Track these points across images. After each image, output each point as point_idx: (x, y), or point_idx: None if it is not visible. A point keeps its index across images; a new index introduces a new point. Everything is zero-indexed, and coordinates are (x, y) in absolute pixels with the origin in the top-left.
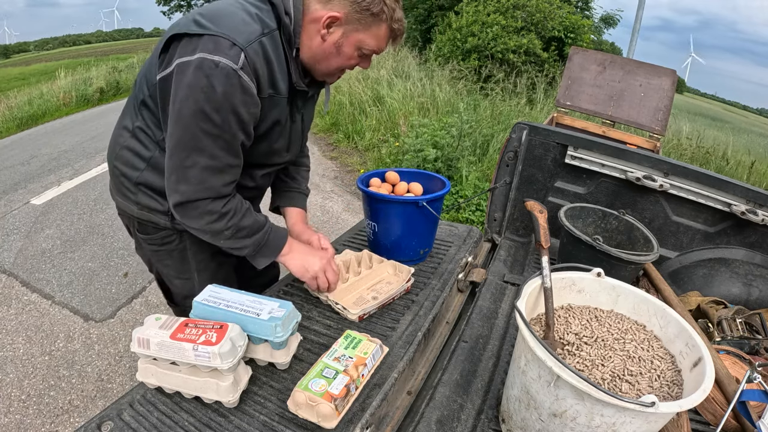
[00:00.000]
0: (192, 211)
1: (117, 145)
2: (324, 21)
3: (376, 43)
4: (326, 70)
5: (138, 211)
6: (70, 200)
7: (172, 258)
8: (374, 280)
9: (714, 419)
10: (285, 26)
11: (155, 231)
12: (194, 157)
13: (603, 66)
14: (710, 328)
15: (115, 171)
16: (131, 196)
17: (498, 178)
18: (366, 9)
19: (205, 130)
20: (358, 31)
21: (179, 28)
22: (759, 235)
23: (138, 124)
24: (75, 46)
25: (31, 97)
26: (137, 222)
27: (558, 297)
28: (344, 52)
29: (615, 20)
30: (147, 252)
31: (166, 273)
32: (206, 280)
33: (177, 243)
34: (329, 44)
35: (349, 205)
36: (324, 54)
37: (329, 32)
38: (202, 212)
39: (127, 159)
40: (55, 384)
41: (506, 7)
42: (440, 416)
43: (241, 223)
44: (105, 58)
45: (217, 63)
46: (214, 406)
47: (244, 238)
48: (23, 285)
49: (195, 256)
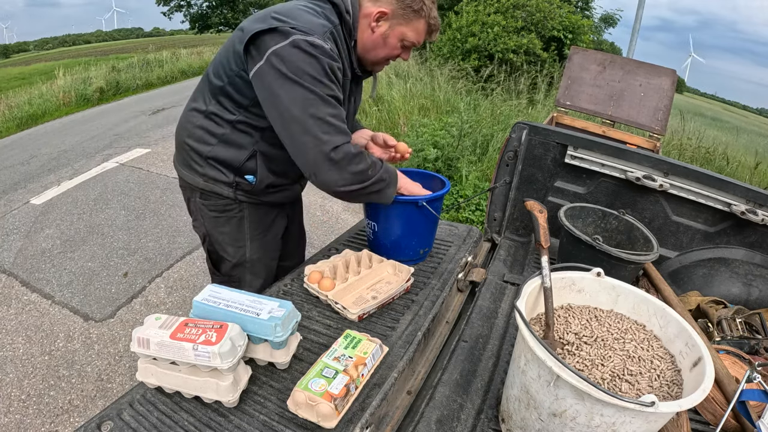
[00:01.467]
0: (343, 159)
1: (189, 123)
2: (374, 15)
3: (416, 36)
4: (374, 58)
5: (203, 183)
6: (69, 200)
7: (230, 225)
8: (374, 280)
9: (714, 419)
10: (346, 22)
11: (217, 199)
12: (322, 109)
13: (603, 66)
14: (710, 327)
15: (186, 147)
16: (199, 169)
17: (498, 178)
18: (409, 6)
19: (317, 90)
20: (401, 24)
21: (261, 25)
22: (759, 235)
23: (212, 108)
24: (75, 46)
25: (31, 96)
26: (201, 192)
27: (558, 297)
28: (389, 43)
29: (615, 20)
30: (206, 220)
31: (221, 240)
32: (257, 249)
33: (237, 212)
34: (377, 36)
35: (349, 205)
36: (373, 44)
37: (378, 25)
38: (351, 156)
39: (200, 136)
40: (55, 384)
41: (506, 7)
42: (440, 416)
43: (371, 159)
44: (105, 58)
45: (311, 41)
46: (213, 405)
47: (380, 170)
48: (23, 285)
49: (250, 225)
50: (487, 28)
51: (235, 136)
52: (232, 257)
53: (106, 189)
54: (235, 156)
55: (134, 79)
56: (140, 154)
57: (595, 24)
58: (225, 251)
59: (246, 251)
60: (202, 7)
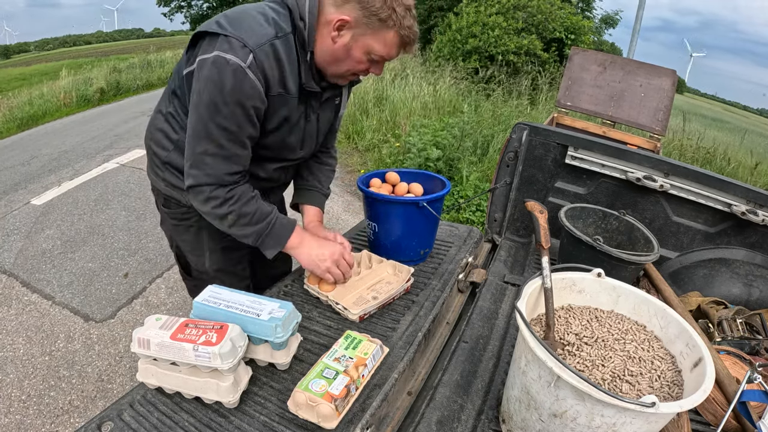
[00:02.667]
0: (199, 195)
1: (152, 126)
2: (335, 24)
3: (385, 48)
4: (336, 72)
5: (164, 188)
6: (70, 200)
7: (188, 234)
8: (374, 280)
9: (714, 420)
10: (299, 31)
11: (176, 207)
12: (204, 145)
13: (603, 66)
14: (711, 328)
15: (150, 151)
16: (160, 174)
17: (498, 179)
18: (374, 14)
19: (215, 121)
20: (366, 35)
21: (204, 27)
22: (759, 236)
23: (169, 110)
24: (75, 47)
25: (32, 97)
26: (163, 197)
27: (558, 297)
28: (353, 56)
29: (615, 21)
30: (168, 226)
31: (182, 247)
32: (216, 261)
33: (194, 221)
34: (339, 47)
35: (350, 205)
36: (334, 56)
37: (339, 35)
38: (208, 197)
39: (159, 140)
40: (56, 384)
41: (507, 8)
42: (440, 417)
43: (243, 210)
44: (105, 59)
45: (228, 60)
46: (214, 406)
47: (247, 226)
48: (23, 285)
49: (209, 236)
50: (487, 29)
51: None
52: (194, 265)
53: (107, 190)
54: None
55: (135, 79)
56: (141, 154)
57: (596, 25)
58: (186, 259)
59: (205, 261)
60: (202, 8)
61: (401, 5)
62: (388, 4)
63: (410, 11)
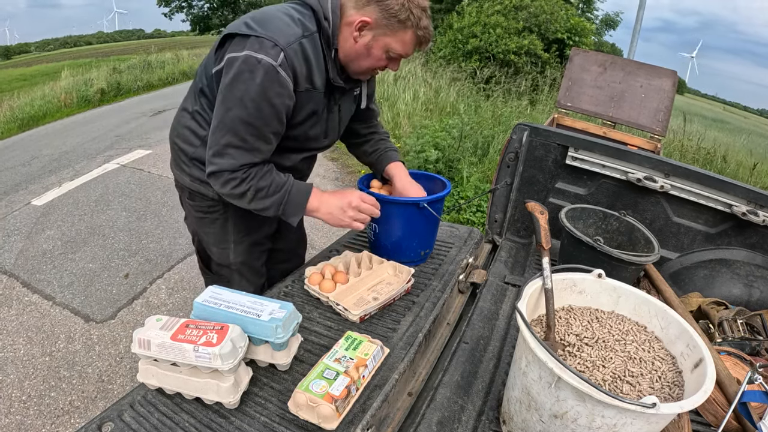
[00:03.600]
0: (219, 179)
1: (179, 124)
2: (356, 24)
3: (403, 47)
4: (358, 69)
5: (190, 182)
6: (71, 201)
7: (214, 226)
8: (374, 281)
9: (715, 420)
10: (324, 29)
11: (202, 200)
12: (228, 137)
13: (603, 67)
14: (711, 329)
15: (175, 147)
16: (186, 169)
17: (499, 179)
18: (393, 16)
19: (241, 116)
20: (386, 35)
21: (232, 28)
22: (760, 236)
23: (196, 108)
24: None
25: (33, 98)
26: (189, 192)
27: (559, 298)
28: (373, 54)
29: (616, 22)
30: (193, 220)
31: (206, 240)
32: (241, 253)
33: (221, 213)
34: (360, 46)
35: None
36: (356, 54)
37: (360, 35)
38: (227, 179)
39: (186, 137)
40: (56, 385)
41: (508, 8)
42: (441, 418)
43: (259, 184)
44: (106, 59)
45: (260, 60)
46: (214, 407)
47: (265, 198)
48: (24, 286)
49: (234, 227)
50: (488, 29)
51: None
52: (217, 258)
53: (107, 190)
54: None
55: (135, 80)
56: (141, 155)
57: (597, 26)
58: (211, 251)
59: (230, 253)
60: (203, 9)
61: (417, 7)
62: (406, 6)
63: (425, 12)
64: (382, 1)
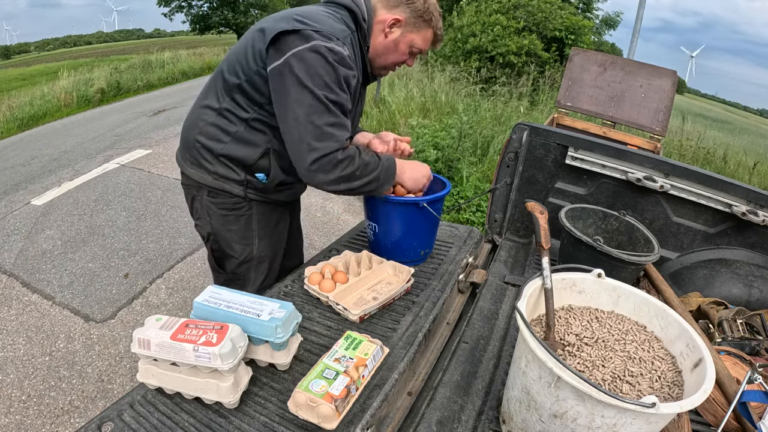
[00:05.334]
0: (328, 165)
1: (201, 121)
2: (389, 22)
3: (424, 43)
4: (383, 63)
5: (212, 180)
6: (70, 201)
7: (238, 223)
8: (374, 281)
9: (715, 420)
10: (362, 29)
11: (227, 197)
12: (326, 117)
13: (603, 67)
14: (711, 329)
15: (196, 144)
16: (209, 167)
17: (498, 179)
18: (420, 15)
19: (328, 97)
20: (412, 32)
21: (285, 25)
22: (759, 236)
23: (225, 104)
24: (76, 47)
25: (32, 97)
26: (209, 190)
27: (558, 298)
28: (400, 49)
29: (616, 22)
30: (214, 218)
31: (228, 238)
32: (264, 246)
33: (246, 209)
34: (389, 41)
35: (350, 206)
36: (384, 50)
37: (391, 31)
38: (336, 162)
39: (212, 134)
40: (56, 384)
41: (507, 7)
42: (441, 417)
43: (365, 159)
44: (106, 59)
45: (331, 48)
46: (214, 406)
47: (372, 172)
48: (24, 285)
49: (259, 223)
50: (487, 28)
51: (249, 133)
52: (239, 255)
53: (107, 190)
54: (248, 154)
55: (135, 80)
56: (141, 155)
57: (596, 26)
58: (232, 249)
59: (254, 249)
60: (203, 8)
61: (436, 9)
62: (428, 8)
63: (440, 14)
64: (411, 3)
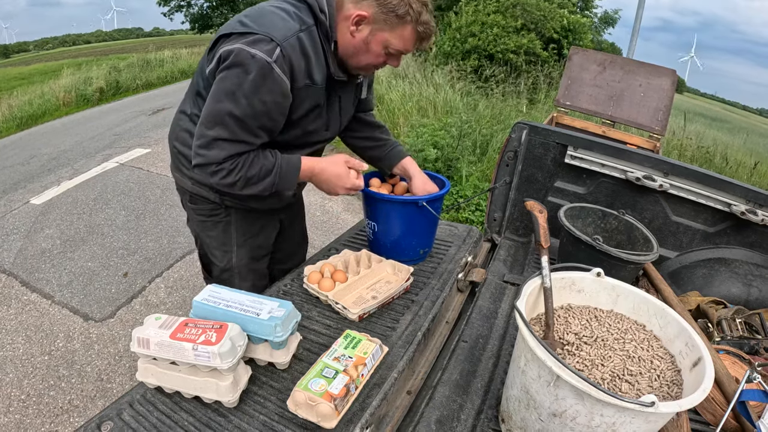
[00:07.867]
0: (206, 170)
1: (177, 127)
2: (353, 19)
3: (402, 43)
4: (357, 64)
5: (191, 186)
6: (69, 200)
7: (216, 229)
8: (373, 280)
9: (714, 419)
10: (321, 23)
11: (204, 203)
12: (217, 131)
13: (603, 66)
14: (710, 328)
15: (174, 150)
16: (186, 172)
17: (498, 178)
18: (392, 10)
19: (230, 110)
20: (384, 30)
21: (227, 29)
22: (759, 235)
23: (194, 111)
24: (75, 46)
25: (31, 96)
26: (190, 195)
27: (558, 297)
28: (372, 50)
29: (614, 20)
30: (195, 223)
31: (209, 243)
32: (244, 254)
33: (223, 216)
34: (358, 41)
35: (349, 205)
36: (354, 50)
37: (358, 30)
38: (214, 171)
39: (185, 139)
40: (55, 384)
41: (505, 6)
42: (440, 416)
43: (248, 174)
44: (105, 58)
45: (253, 55)
46: (213, 405)
47: (257, 184)
48: (23, 285)
49: (237, 231)
50: (486, 27)
51: None
52: (219, 262)
53: (106, 189)
54: None
55: (134, 79)
56: (140, 154)
57: (595, 24)
58: (213, 255)
59: (233, 257)
60: (202, 8)
61: (417, 1)
62: (405, 1)
63: (426, 6)
64: None
